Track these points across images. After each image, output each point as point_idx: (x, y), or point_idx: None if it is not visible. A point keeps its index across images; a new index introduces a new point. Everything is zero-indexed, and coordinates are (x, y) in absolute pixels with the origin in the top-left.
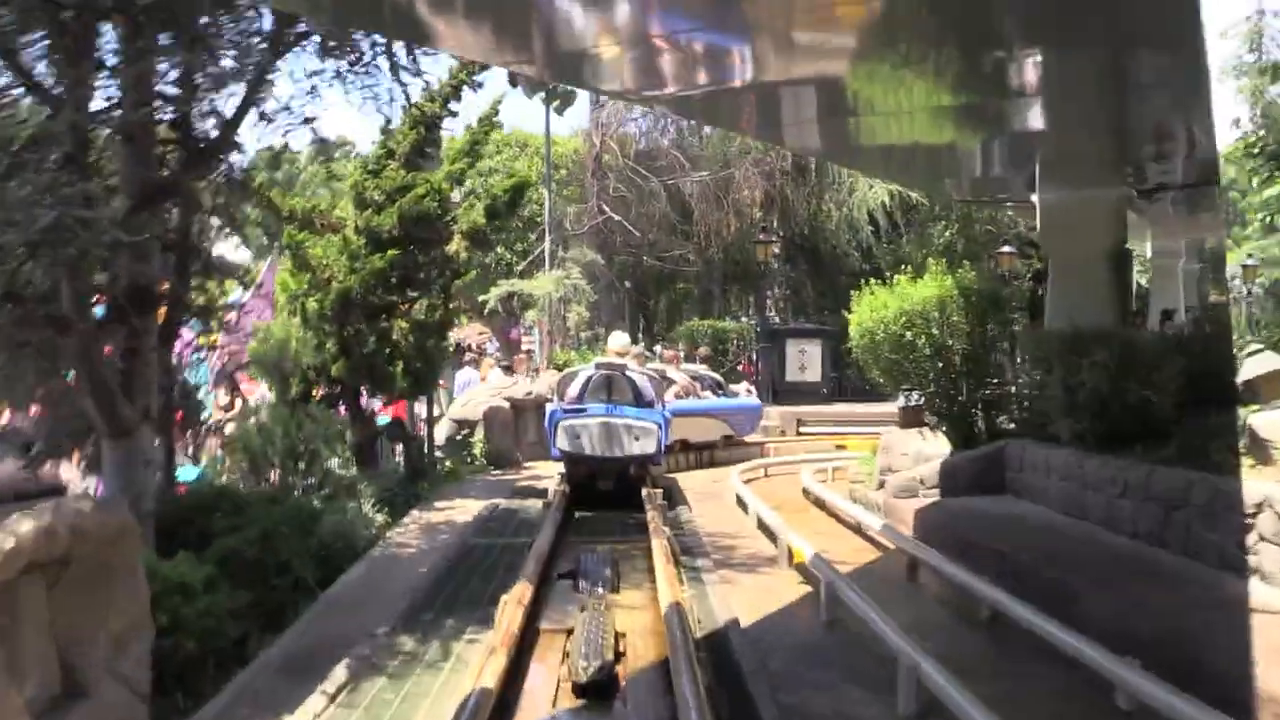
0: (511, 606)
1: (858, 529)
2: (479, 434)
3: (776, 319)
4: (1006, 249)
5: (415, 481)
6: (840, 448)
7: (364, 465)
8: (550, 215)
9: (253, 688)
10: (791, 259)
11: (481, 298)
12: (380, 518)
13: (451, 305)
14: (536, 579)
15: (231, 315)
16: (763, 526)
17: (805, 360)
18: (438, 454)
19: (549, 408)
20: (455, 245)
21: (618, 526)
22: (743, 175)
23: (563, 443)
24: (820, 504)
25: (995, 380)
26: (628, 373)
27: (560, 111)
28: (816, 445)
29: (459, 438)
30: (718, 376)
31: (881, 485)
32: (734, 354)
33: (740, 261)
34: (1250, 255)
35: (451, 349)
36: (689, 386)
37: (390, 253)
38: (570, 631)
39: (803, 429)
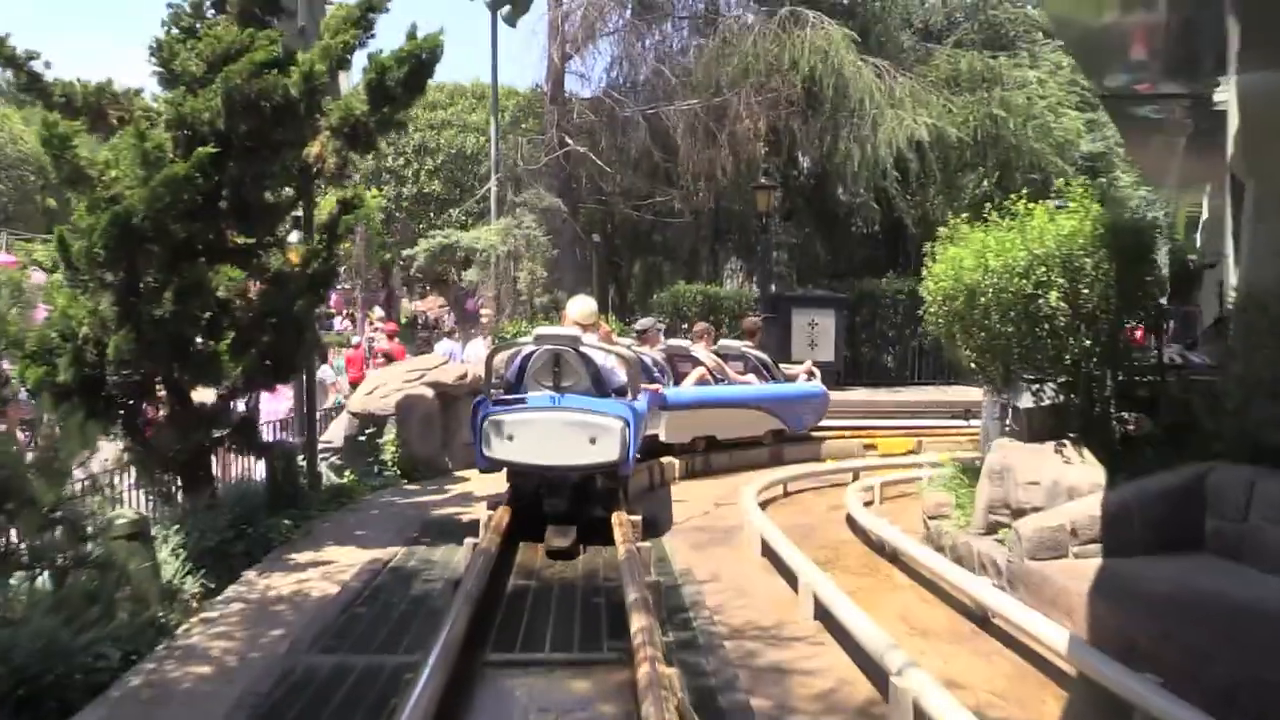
0: None
1: (982, 618)
2: (390, 434)
3: (774, 286)
4: (1055, 203)
5: (277, 512)
6: (869, 448)
7: (194, 492)
8: (496, 148)
9: None
10: (795, 213)
11: (407, 252)
12: (192, 585)
13: (339, 249)
14: None
15: None
16: (823, 613)
17: (816, 335)
18: (334, 462)
19: (481, 400)
20: (319, 145)
21: (580, 604)
22: (742, 103)
23: (492, 447)
24: (888, 553)
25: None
26: (582, 348)
27: (512, 22)
28: (839, 445)
29: (362, 438)
30: (764, 356)
31: (992, 530)
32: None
33: (736, 212)
34: None
35: (405, 322)
36: (717, 367)
37: (202, 152)
38: None
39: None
